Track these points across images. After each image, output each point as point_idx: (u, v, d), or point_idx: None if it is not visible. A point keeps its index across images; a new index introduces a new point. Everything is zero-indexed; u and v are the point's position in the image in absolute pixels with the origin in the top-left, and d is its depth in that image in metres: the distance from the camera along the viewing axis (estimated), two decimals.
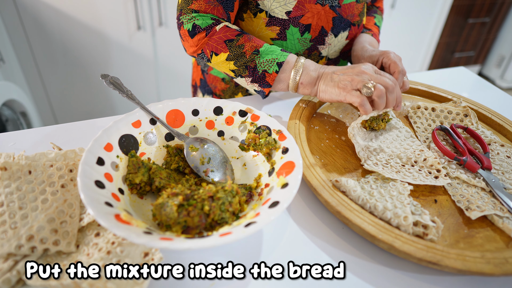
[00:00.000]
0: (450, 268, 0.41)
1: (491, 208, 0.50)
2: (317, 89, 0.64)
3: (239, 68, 0.66)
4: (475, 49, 2.67)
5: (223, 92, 0.87)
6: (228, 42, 0.65)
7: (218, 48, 0.66)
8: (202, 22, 0.66)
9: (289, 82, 0.65)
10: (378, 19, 0.87)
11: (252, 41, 0.65)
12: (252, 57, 0.64)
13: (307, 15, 0.70)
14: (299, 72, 0.63)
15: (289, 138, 0.52)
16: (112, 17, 1.57)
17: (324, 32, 0.74)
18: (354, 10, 0.75)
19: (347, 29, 0.77)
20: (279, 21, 0.71)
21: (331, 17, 0.72)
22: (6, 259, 0.39)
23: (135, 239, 0.36)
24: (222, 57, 0.66)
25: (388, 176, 0.53)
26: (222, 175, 0.54)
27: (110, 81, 0.57)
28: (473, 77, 0.96)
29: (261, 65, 0.64)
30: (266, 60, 0.64)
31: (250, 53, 0.64)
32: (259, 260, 0.45)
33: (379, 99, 0.59)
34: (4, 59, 1.48)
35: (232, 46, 0.65)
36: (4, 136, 0.61)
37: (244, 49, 0.65)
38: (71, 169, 0.48)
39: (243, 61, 0.65)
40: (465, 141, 0.61)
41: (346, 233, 0.49)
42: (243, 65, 0.65)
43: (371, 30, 0.83)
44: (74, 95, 1.77)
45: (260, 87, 0.66)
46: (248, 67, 0.65)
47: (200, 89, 0.93)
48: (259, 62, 0.64)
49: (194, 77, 0.95)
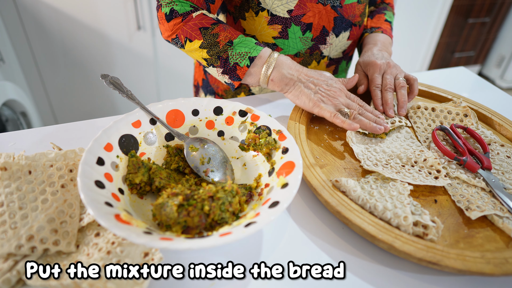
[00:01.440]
0: (450, 268, 0.41)
1: (491, 208, 0.50)
2: (288, 89, 0.64)
3: (211, 57, 0.65)
4: (475, 49, 2.67)
5: (226, 92, 0.87)
6: (203, 29, 0.64)
7: (192, 34, 0.65)
8: (180, 8, 0.65)
9: (260, 77, 0.65)
10: (389, 14, 0.86)
11: (227, 31, 0.64)
12: (225, 48, 0.64)
13: (308, 14, 0.71)
14: (270, 67, 0.63)
15: (289, 138, 0.52)
16: (112, 17, 1.57)
17: (325, 32, 0.74)
18: (356, 11, 0.75)
19: (348, 29, 0.77)
20: (281, 19, 0.71)
21: (333, 17, 0.73)
22: (6, 259, 0.39)
23: (135, 239, 0.36)
24: (195, 44, 0.65)
25: (388, 176, 0.53)
26: (222, 175, 0.54)
27: (110, 81, 0.57)
28: (473, 77, 0.96)
29: (233, 58, 0.64)
30: (238, 52, 0.63)
31: (224, 44, 0.64)
32: (259, 260, 0.45)
33: (357, 120, 0.62)
34: (4, 59, 1.48)
35: (206, 34, 0.64)
36: (4, 136, 0.61)
37: (218, 38, 0.64)
38: (71, 169, 0.48)
39: (216, 50, 0.64)
40: (465, 141, 0.61)
41: (346, 233, 0.49)
42: (215, 54, 0.65)
43: (381, 27, 0.82)
44: (74, 95, 1.77)
45: (230, 79, 0.66)
46: (220, 58, 0.64)
47: (202, 89, 0.93)
48: (231, 54, 0.64)
49: (196, 77, 0.95)
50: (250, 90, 0.85)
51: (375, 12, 0.86)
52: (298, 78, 0.64)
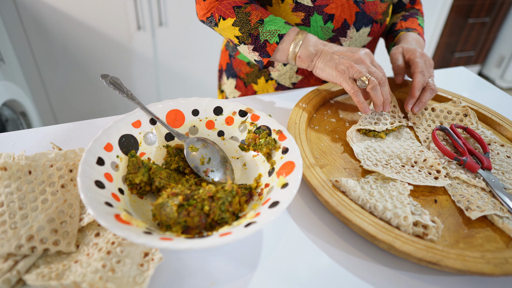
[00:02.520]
0: (450, 268, 0.41)
1: (491, 208, 0.50)
2: (314, 64, 0.67)
3: (243, 35, 0.68)
4: (475, 49, 2.67)
5: (247, 75, 0.91)
6: (236, 8, 0.68)
7: (226, 13, 0.69)
8: None
9: (288, 54, 0.68)
10: (421, 20, 0.87)
11: (259, 11, 0.68)
12: (256, 26, 0.67)
13: (331, 5, 0.73)
14: (298, 45, 0.66)
15: (289, 138, 0.52)
16: (112, 17, 1.57)
17: (347, 25, 0.76)
18: (378, 9, 0.77)
19: (369, 25, 0.78)
20: (305, 7, 0.73)
21: (354, 11, 0.74)
22: (6, 259, 0.39)
23: (135, 239, 0.36)
24: (229, 22, 0.69)
25: (388, 176, 0.53)
26: (222, 175, 0.54)
27: (110, 81, 0.57)
28: (473, 77, 0.96)
29: (264, 35, 0.67)
30: (268, 30, 0.67)
31: (255, 22, 0.67)
32: (259, 260, 0.45)
33: (373, 91, 0.63)
34: (4, 59, 1.48)
35: (239, 13, 0.68)
36: (4, 136, 0.61)
37: (250, 16, 0.67)
38: (71, 169, 0.48)
39: (247, 28, 0.67)
40: (465, 141, 0.61)
41: (346, 233, 0.49)
42: (247, 32, 0.68)
43: (416, 29, 0.82)
44: (74, 95, 1.77)
45: (260, 56, 0.69)
46: (251, 35, 0.68)
47: (225, 73, 0.98)
48: (262, 32, 0.67)
49: (221, 62, 1.00)
50: (270, 74, 0.87)
51: (408, 15, 0.86)
52: (322, 52, 0.66)
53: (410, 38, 0.77)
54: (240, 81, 0.93)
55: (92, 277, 0.37)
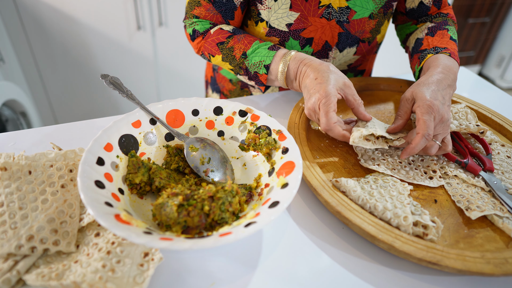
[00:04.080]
0: (450, 268, 0.41)
1: (491, 208, 0.50)
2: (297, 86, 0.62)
3: (235, 68, 0.68)
4: (475, 49, 2.67)
5: (230, 92, 0.88)
6: (220, 44, 0.67)
7: (212, 50, 0.69)
8: (200, 27, 0.70)
9: (279, 81, 0.65)
10: (453, 31, 0.70)
11: (241, 42, 0.66)
12: (241, 61, 0.66)
13: (309, 29, 0.69)
14: (283, 74, 0.62)
15: (289, 138, 0.52)
16: (112, 17, 1.57)
17: (328, 47, 0.72)
18: (365, 27, 0.71)
19: (355, 45, 0.73)
20: (279, 32, 0.70)
21: (337, 32, 0.70)
22: (6, 259, 0.39)
23: (135, 239, 0.36)
24: (218, 58, 0.69)
25: (382, 171, 0.54)
26: (222, 175, 0.54)
27: (110, 81, 0.57)
28: (473, 77, 0.96)
29: (251, 68, 0.66)
30: (254, 63, 0.65)
31: (239, 57, 0.66)
32: (259, 260, 0.45)
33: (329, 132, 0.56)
34: (4, 59, 1.48)
35: (223, 49, 0.67)
36: (4, 136, 0.61)
37: (234, 52, 0.66)
38: (71, 169, 0.48)
39: (235, 63, 0.67)
40: (466, 143, 0.61)
41: (346, 233, 0.49)
42: (237, 66, 0.67)
43: (447, 48, 0.65)
44: (74, 95, 1.77)
45: (257, 85, 0.68)
46: (241, 68, 0.67)
47: (210, 86, 0.95)
48: (249, 65, 0.66)
49: (207, 73, 0.97)
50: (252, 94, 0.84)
51: (436, 27, 0.70)
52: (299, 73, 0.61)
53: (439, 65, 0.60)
54: (224, 97, 0.90)
55: (92, 277, 0.37)
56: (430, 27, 0.71)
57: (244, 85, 0.85)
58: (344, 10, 0.67)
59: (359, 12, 0.68)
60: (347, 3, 0.67)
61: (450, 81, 0.59)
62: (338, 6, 0.67)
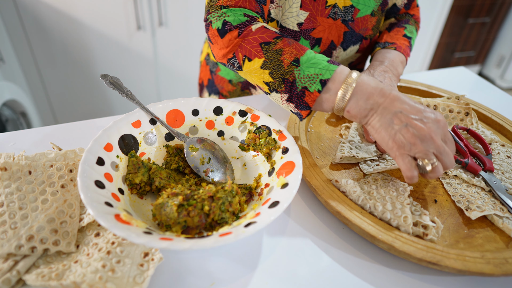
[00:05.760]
0: (450, 268, 0.41)
1: (491, 208, 0.50)
2: (367, 121, 0.50)
3: (275, 80, 0.53)
4: (475, 49, 2.67)
5: (229, 93, 0.87)
6: (264, 45, 0.53)
7: (252, 52, 0.54)
8: (233, 19, 0.56)
9: (334, 105, 0.51)
10: (410, 29, 0.74)
11: (293, 46, 0.53)
12: (290, 69, 0.52)
13: (318, 29, 0.68)
14: (347, 94, 0.49)
15: (289, 138, 0.52)
16: (112, 17, 1.57)
17: (333, 46, 0.72)
18: (368, 24, 0.72)
19: (358, 43, 0.74)
20: (290, 32, 0.67)
21: (343, 31, 0.70)
22: (6, 259, 0.39)
23: (135, 239, 0.36)
24: (256, 63, 0.54)
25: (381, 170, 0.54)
26: (222, 175, 0.54)
27: (110, 81, 0.57)
28: (473, 77, 0.96)
29: (301, 81, 0.51)
30: (307, 75, 0.51)
31: (289, 63, 0.52)
32: (259, 260, 0.45)
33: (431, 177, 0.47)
34: (4, 59, 1.48)
35: (268, 51, 0.53)
36: (4, 136, 0.61)
37: (282, 56, 0.52)
38: (71, 169, 0.48)
39: (280, 72, 0.52)
40: (466, 143, 0.61)
41: (346, 233, 0.49)
42: (279, 77, 0.52)
43: (395, 43, 0.70)
44: (74, 95, 1.77)
45: (296, 108, 0.53)
46: (285, 81, 0.52)
47: (207, 89, 0.93)
48: (299, 77, 0.51)
49: (202, 76, 0.94)
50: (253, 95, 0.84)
51: (395, 25, 0.75)
52: (380, 107, 0.48)
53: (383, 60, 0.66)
54: (223, 98, 0.88)
55: (92, 277, 0.37)
56: (391, 23, 0.77)
57: (245, 87, 0.84)
58: (348, 9, 0.68)
59: (362, 10, 0.69)
60: (351, 2, 0.67)
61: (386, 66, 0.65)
62: (343, 6, 0.67)
